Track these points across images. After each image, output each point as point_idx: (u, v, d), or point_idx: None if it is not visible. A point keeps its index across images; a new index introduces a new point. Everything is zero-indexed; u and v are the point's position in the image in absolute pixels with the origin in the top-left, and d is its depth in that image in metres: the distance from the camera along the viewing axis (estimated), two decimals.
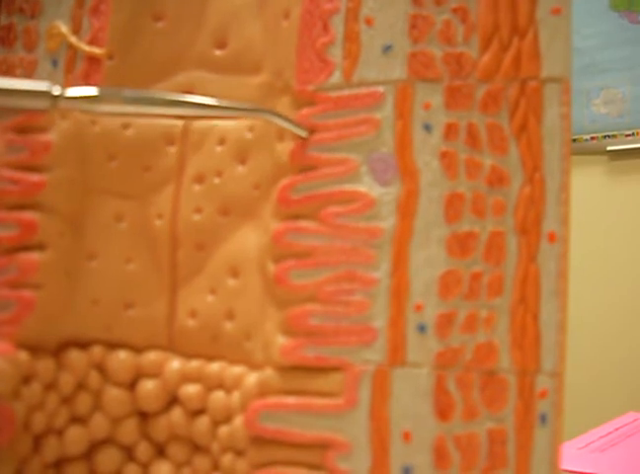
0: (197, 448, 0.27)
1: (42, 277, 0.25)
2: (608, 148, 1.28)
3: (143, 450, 0.27)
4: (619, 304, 1.41)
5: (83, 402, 0.26)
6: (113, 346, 0.27)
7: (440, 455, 0.23)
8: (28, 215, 0.25)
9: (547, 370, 0.23)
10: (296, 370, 0.24)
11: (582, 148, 1.31)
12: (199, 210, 0.27)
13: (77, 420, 0.26)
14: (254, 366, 0.25)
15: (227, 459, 0.26)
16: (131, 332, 0.27)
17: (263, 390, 0.24)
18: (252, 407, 0.24)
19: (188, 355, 0.27)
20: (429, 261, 0.23)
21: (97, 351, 0.26)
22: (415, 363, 0.23)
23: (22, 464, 0.24)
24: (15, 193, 0.25)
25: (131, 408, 0.27)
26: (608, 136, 1.25)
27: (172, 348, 0.27)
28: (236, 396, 0.25)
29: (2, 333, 0.24)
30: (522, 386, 0.23)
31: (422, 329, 0.23)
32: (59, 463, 0.26)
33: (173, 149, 0.27)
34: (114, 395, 0.26)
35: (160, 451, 0.27)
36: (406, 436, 0.23)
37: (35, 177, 0.25)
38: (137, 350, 0.27)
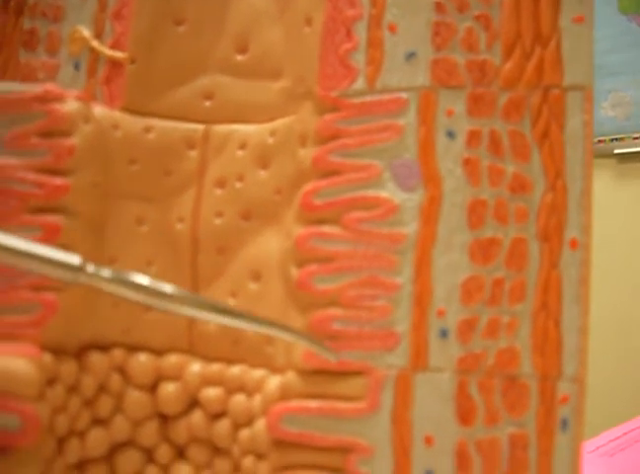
0: (217, 451, 0.27)
1: None
2: (616, 151, 1.28)
3: (163, 452, 0.27)
4: (629, 307, 1.40)
5: (104, 404, 0.26)
6: (133, 348, 0.27)
7: (461, 460, 0.23)
8: (51, 219, 0.25)
9: (568, 376, 0.23)
10: (318, 374, 0.24)
11: None
12: (220, 214, 0.27)
13: (98, 422, 0.26)
14: (275, 370, 0.25)
15: (248, 462, 0.26)
16: (152, 335, 0.27)
17: (285, 394, 0.24)
18: (274, 410, 0.24)
19: (208, 359, 0.27)
20: (451, 266, 0.23)
21: (117, 353, 0.27)
22: (437, 368, 0.23)
23: (46, 466, 0.24)
24: (39, 196, 0.25)
25: (152, 410, 0.27)
26: (616, 139, 1.25)
27: (192, 351, 0.27)
28: (257, 399, 0.26)
29: (26, 335, 0.25)
30: (544, 391, 0.23)
31: (444, 334, 0.23)
32: (81, 465, 0.26)
33: (194, 153, 0.27)
34: (134, 398, 0.27)
35: (180, 453, 0.27)
36: (428, 441, 0.23)
37: (58, 180, 0.25)
38: (158, 352, 0.27)
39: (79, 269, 0.20)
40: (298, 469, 0.24)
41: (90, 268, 0.20)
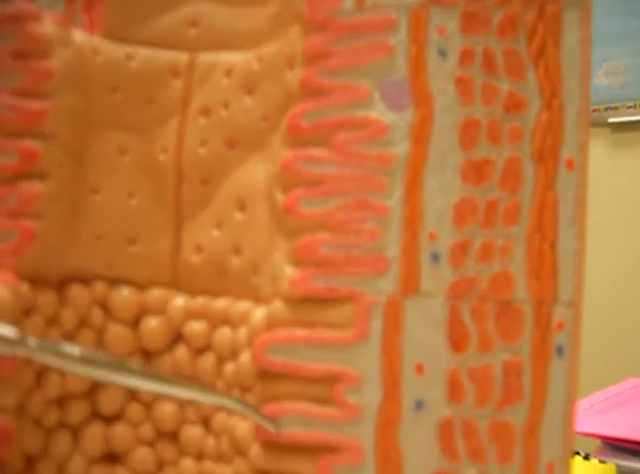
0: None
1: (44, 208, 0.24)
2: (610, 120, 1.27)
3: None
4: (621, 274, 1.40)
5: (85, 339, 0.25)
6: (115, 282, 0.26)
7: (453, 388, 0.22)
8: (28, 144, 0.24)
9: (564, 301, 0.22)
10: (306, 302, 0.23)
11: None
12: (204, 143, 0.26)
13: None
14: (261, 301, 0.25)
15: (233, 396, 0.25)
16: (135, 268, 0.26)
17: (271, 323, 0.24)
18: (259, 340, 0.23)
19: (193, 292, 0.26)
20: (443, 188, 0.22)
21: (99, 287, 0.26)
22: (428, 293, 0.22)
23: (24, 397, 0.24)
24: (15, 120, 0.24)
25: (135, 346, 0.26)
26: (610, 108, 1.24)
27: (176, 284, 0.26)
28: (242, 332, 0.25)
29: (3, 263, 0.24)
30: (539, 317, 0.22)
31: (435, 258, 0.22)
32: (62, 400, 0.25)
33: (178, 82, 0.26)
34: (117, 332, 0.26)
35: None
36: (419, 369, 0.22)
37: (36, 104, 0.24)
38: (141, 286, 0.26)
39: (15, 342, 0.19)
40: (284, 400, 0.23)
41: (30, 341, 0.20)
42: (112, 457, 0.26)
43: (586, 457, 0.54)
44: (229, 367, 0.25)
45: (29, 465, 0.24)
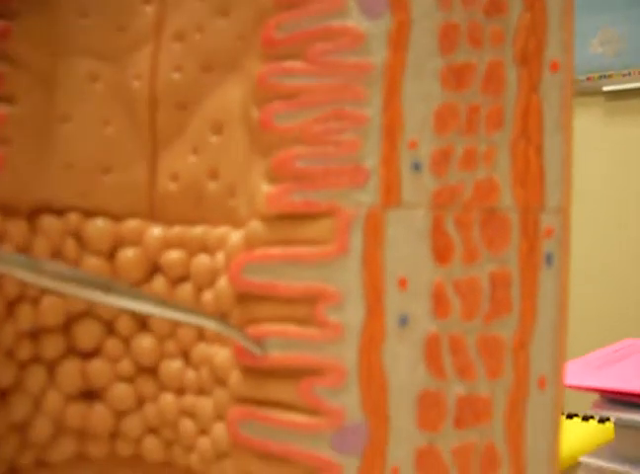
0: None
1: (12, 132, 0.23)
2: (605, 89, 1.26)
3: (124, 324, 0.25)
4: (617, 240, 1.40)
5: None
6: (90, 213, 0.25)
7: (438, 302, 0.21)
8: None
9: (552, 207, 0.21)
10: (283, 219, 0.22)
11: (578, 89, 1.29)
12: (179, 69, 0.25)
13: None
14: (239, 225, 0.24)
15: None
16: (109, 198, 0.25)
17: (248, 243, 0.23)
18: (236, 261, 0.22)
19: (169, 222, 0.25)
20: (423, 95, 0.22)
21: (73, 218, 0.25)
22: (410, 204, 0.22)
23: None
24: None
25: (111, 278, 0.25)
26: (605, 76, 1.23)
27: (153, 215, 0.25)
28: (220, 257, 0.24)
29: None
30: (526, 224, 0.21)
31: (417, 167, 0.22)
32: (36, 334, 0.25)
33: (150, 8, 0.26)
34: (92, 264, 0.25)
35: (142, 325, 0.25)
36: (402, 283, 0.22)
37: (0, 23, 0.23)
38: (116, 217, 0.25)
39: None
40: (264, 323, 0.22)
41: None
42: (89, 394, 0.25)
43: (585, 418, 0.53)
44: (208, 295, 0.24)
45: (1, 397, 0.24)
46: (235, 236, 0.23)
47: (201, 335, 0.25)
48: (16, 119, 0.24)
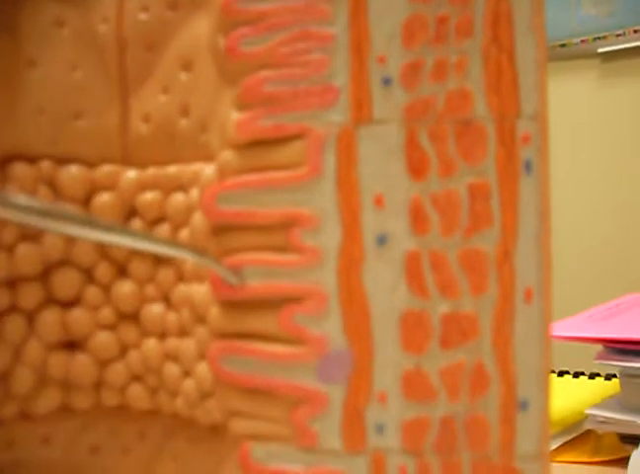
0: (159, 262, 0.25)
1: None
2: (599, 50, 1.25)
3: (103, 271, 0.25)
4: (616, 200, 1.40)
5: None
6: (62, 160, 0.25)
7: (417, 218, 0.21)
8: None
9: (528, 114, 0.20)
10: (254, 146, 0.22)
11: (572, 52, 1.27)
12: (145, 9, 0.25)
13: (27, 237, 0.24)
14: (212, 159, 0.23)
15: (190, 265, 0.24)
16: (82, 144, 0.25)
17: (221, 173, 0.22)
18: (208, 192, 0.22)
19: (143, 165, 0.25)
20: (389, 8, 0.21)
21: (45, 165, 0.24)
22: (382, 120, 0.21)
23: None
24: None
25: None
26: (599, 38, 1.22)
27: (126, 159, 0.25)
28: (195, 193, 0.23)
29: None
30: (502, 132, 0.20)
31: (387, 82, 0.21)
32: (12, 283, 0.24)
33: None
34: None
35: (121, 271, 0.25)
36: (378, 201, 0.21)
37: None
38: (89, 164, 0.25)
39: None
40: (241, 253, 0.22)
41: None
42: (71, 344, 0.25)
43: (591, 376, 0.52)
44: (184, 233, 0.24)
45: None
46: (208, 170, 0.23)
47: (181, 275, 0.24)
48: None
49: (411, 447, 0.21)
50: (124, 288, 0.25)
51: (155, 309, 0.24)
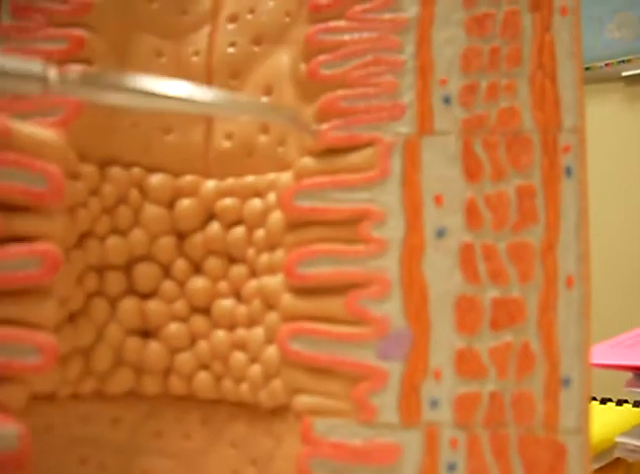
0: (232, 261, 0.27)
1: None
2: (624, 74, 1.25)
3: (180, 267, 0.27)
4: (638, 224, 1.36)
5: (123, 215, 0.27)
6: (151, 169, 0.28)
7: (471, 215, 0.24)
8: (76, 31, 0.27)
9: (568, 127, 0.24)
10: (331, 152, 0.25)
11: (596, 76, 1.27)
12: (233, 44, 0.29)
13: (118, 231, 0.27)
14: (287, 169, 0.26)
15: (263, 260, 0.26)
16: (169, 156, 0.28)
17: (299, 176, 0.25)
18: (287, 190, 0.25)
19: (223, 177, 0.28)
20: (450, 40, 0.25)
21: (136, 171, 0.28)
22: (442, 132, 0.24)
23: (66, 254, 0.25)
24: (65, 12, 0.27)
25: (169, 227, 0.28)
26: (623, 61, 1.23)
27: (208, 172, 0.28)
28: (271, 197, 0.26)
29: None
30: (546, 143, 0.24)
31: (447, 100, 0.25)
32: (101, 270, 0.27)
33: None
34: (152, 211, 0.27)
35: (196, 268, 0.28)
36: (438, 200, 0.24)
37: None
38: (174, 173, 0.28)
39: (43, 78, 0.19)
40: (313, 244, 0.25)
41: (53, 74, 0.19)
42: (145, 332, 0.27)
43: (619, 403, 0.52)
44: (259, 233, 0.27)
45: (70, 320, 0.26)
46: (285, 176, 0.26)
47: (253, 271, 0.27)
48: None
49: (462, 421, 0.23)
50: (198, 284, 0.27)
51: (226, 303, 0.27)
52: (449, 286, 0.24)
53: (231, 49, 0.29)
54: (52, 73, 0.20)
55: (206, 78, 0.29)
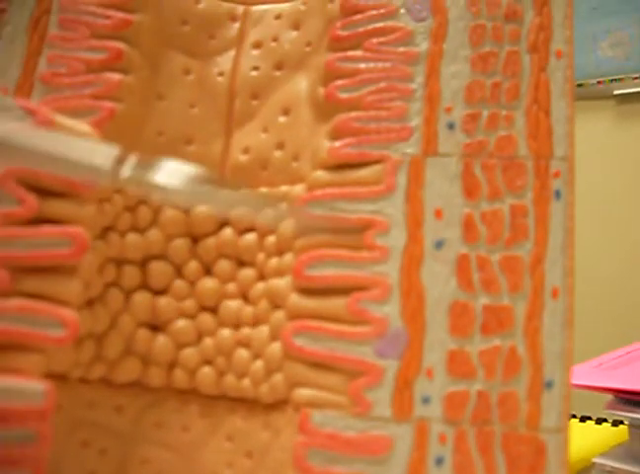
0: (242, 264, 0.29)
1: (123, 94, 0.29)
2: (615, 92, 1.26)
3: (192, 268, 0.29)
4: (629, 245, 1.35)
5: (143, 214, 0.29)
6: None
7: (468, 229, 0.26)
8: (116, 44, 0.29)
9: (559, 156, 0.26)
10: (342, 167, 0.27)
11: (588, 93, 1.27)
12: (256, 69, 0.31)
13: (137, 229, 0.29)
14: (299, 182, 0.29)
15: (272, 264, 0.28)
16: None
17: (311, 188, 0.28)
18: (300, 199, 0.27)
19: (237, 188, 0.30)
20: (456, 74, 0.28)
21: None
22: (445, 154, 0.27)
23: (91, 242, 0.27)
24: (107, 26, 0.29)
25: (185, 229, 0.30)
26: (615, 80, 1.24)
27: (223, 182, 0.30)
28: (284, 206, 0.29)
29: None
30: (538, 168, 0.26)
31: (451, 126, 0.27)
32: (120, 263, 0.28)
33: (236, 24, 0.32)
34: (170, 214, 0.29)
35: (207, 270, 0.29)
36: (438, 214, 0.26)
37: (123, 15, 0.30)
38: None
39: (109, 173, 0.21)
40: (322, 247, 0.27)
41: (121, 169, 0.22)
42: (155, 327, 0.29)
43: (598, 421, 0.53)
44: (270, 239, 0.29)
45: (89, 305, 0.27)
46: (297, 188, 0.28)
47: (262, 274, 0.29)
48: (127, 85, 0.29)
49: (451, 417, 0.25)
50: (208, 284, 0.29)
51: (233, 304, 0.29)
52: (445, 292, 0.26)
53: (254, 73, 0.31)
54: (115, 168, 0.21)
55: (229, 96, 0.31)
